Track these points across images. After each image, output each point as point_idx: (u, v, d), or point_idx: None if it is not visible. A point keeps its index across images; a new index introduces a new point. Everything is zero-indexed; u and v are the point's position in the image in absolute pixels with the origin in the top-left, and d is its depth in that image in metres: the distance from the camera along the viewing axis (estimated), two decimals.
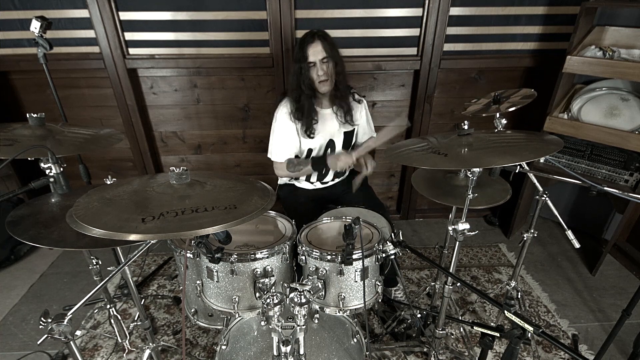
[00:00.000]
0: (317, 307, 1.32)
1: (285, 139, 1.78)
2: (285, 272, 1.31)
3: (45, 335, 0.81)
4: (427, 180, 1.66)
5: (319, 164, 1.75)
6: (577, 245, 1.39)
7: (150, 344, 1.48)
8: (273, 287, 1.24)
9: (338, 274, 1.24)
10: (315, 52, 1.62)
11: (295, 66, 1.67)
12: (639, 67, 1.82)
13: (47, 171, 1.04)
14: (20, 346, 1.84)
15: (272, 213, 1.49)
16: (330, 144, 1.85)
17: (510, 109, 1.47)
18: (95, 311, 2.00)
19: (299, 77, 1.67)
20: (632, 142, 1.91)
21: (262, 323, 1.42)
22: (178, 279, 2.23)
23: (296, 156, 1.85)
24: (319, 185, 1.94)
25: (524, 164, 1.32)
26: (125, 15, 2.13)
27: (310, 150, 1.84)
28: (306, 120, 1.73)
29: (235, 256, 1.19)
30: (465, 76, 2.44)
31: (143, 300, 2.07)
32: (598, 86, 2.12)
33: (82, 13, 2.11)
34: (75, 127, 1.36)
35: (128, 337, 1.81)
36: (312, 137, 1.78)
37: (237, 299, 1.24)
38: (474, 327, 1.03)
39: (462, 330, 1.86)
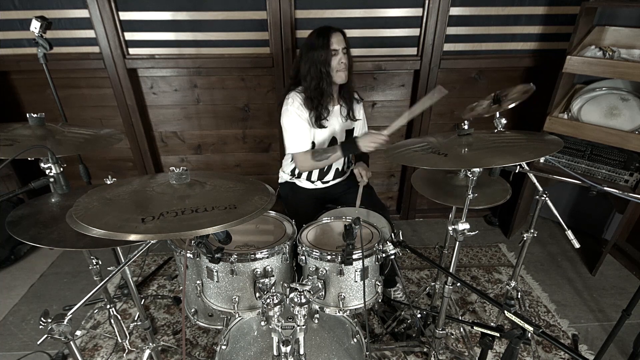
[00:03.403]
0: (317, 307, 1.32)
1: (301, 129, 1.74)
2: (285, 272, 1.31)
3: (45, 335, 0.81)
4: (427, 180, 1.66)
5: (350, 148, 1.70)
6: (577, 245, 1.39)
7: (150, 344, 1.48)
8: (273, 287, 1.24)
9: (338, 274, 1.24)
10: (339, 41, 1.64)
11: (312, 54, 1.65)
12: (639, 67, 1.82)
13: (47, 171, 1.04)
14: (20, 346, 1.84)
15: (272, 213, 1.49)
16: (333, 141, 1.85)
17: (511, 105, 1.46)
18: (95, 311, 2.00)
19: (316, 66, 1.65)
20: (632, 142, 1.91)
21: (262, 323, 1.43)
22: (178, 279, 2.23)
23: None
24: (319, 184, 1.94)
25: (524, 164, 1.32)
26: (125, 15, 2.13)
27: (313, 144, 1.83)
28: (318, 110, 1.71)
29: (235, 256, 1.19)
30: (465, 76, 2.44)
31: (143, 300, 2.07)
32: (598, 86, 2.12)
33: (82, 13, 2.11)
34: (75, 127, 1.36)
35: (128, 337, 1.81)
36: (325, 127, 1.77)
37: (237, 299, 1.24)
38: (474, 327, 1.03)
39: (462, 330, 1.86)
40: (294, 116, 1.72)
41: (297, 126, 1.73)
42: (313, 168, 1.86)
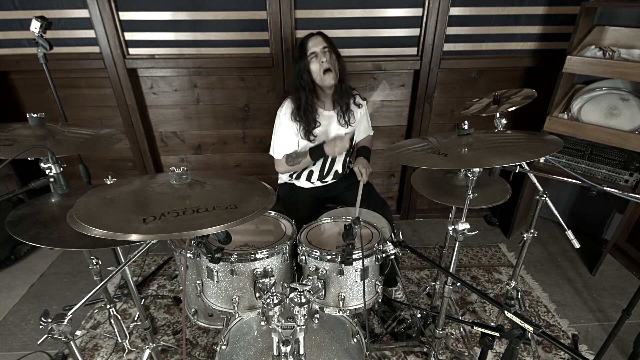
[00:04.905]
0: (317, 307, 1.33)
1: (286, 138, 1.78)
2: (285, 272, 1.31)
3: (45, 335, 0.81)
4: (427, 180, 1.66)
5: (318, 153, 1.74)
6: (577, 245, 1.39)
7: (150, 344, 1.48)
8: (273, 287, 1.24)
9: (338, 274, 1.24)
10: (316, 43, 1.65)
11: (296, 67, 1.69)
12: (639, 67, 1.82)
13: (47, 171, 1.04)
14: (20, 346, 1.84)
15: (272, 213, 1.49)
16: None
17: (510, 109, 1.47)
18: (95, 311, 2.00)
19: (299, 77, 1.68)
20: (632, 142, 1.91)
21: (262, 323, 1.42)
22: (178, 279, 2.23)
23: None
24: (318, 184, 1.94)
25: (524, 164, 1.32)
26: (125, 15, 2.13)
27: None
28: (306, 123, 1.73)
29: (235, 256, 1.19)
30: (465, 76, 2.43)
31: (143, 300, 2.07)
32: (598, 86, 2.12)
33: (82, 13, 2.10)
34: (75, 127, 1.36)
35: (128, 337, 1.81)
36: (312, 141, 1.78)
37: (237, 299, 1.24)
38: (474, 327, 1.03)
39: (462, 330, 1.86)
40: (283, 125, 1.76)
41: (283, 134, 1.78)
42: (288, 171, 1.91)
